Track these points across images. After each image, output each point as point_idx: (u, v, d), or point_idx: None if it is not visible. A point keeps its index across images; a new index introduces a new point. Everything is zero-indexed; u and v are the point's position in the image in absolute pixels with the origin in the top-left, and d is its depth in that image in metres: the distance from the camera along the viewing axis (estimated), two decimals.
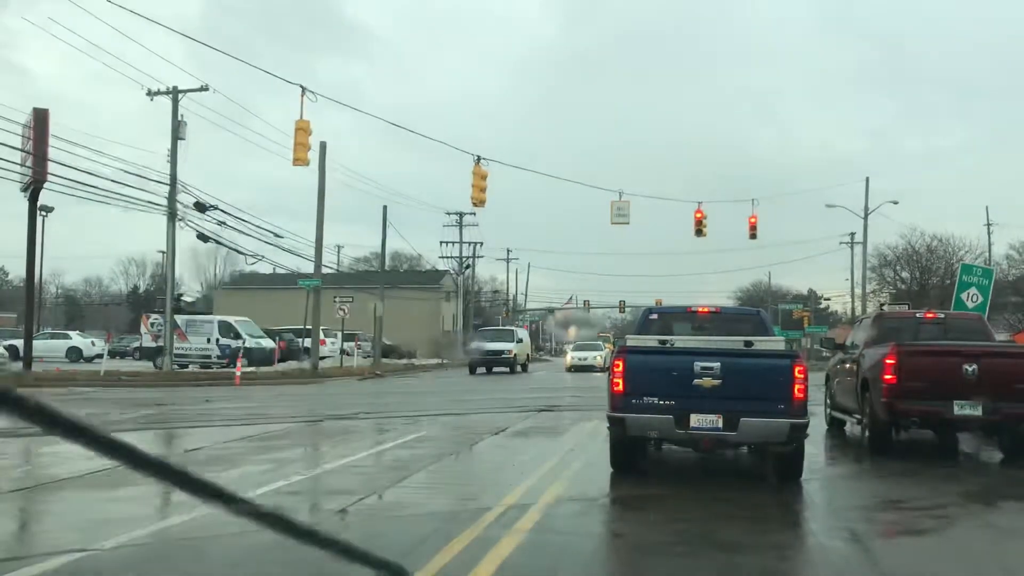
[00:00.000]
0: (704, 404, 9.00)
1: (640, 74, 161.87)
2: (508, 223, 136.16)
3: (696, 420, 9.00)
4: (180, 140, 32.96)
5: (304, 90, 25.52)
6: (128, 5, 42.85)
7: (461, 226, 62.41)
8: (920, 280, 58.05)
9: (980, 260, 48.74)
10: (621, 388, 9.22)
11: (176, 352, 35.60)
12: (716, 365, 9.04)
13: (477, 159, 28.23)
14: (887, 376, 11.63)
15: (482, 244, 65.42)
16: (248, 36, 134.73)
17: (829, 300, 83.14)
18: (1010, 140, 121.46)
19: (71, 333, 54.27)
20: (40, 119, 28.94)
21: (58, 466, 10.87)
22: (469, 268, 66.12)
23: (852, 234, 56.43)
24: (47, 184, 29.31)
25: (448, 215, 62.15)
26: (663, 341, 10.15)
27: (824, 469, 11.01)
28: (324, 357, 39.67)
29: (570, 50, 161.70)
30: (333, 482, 9.65)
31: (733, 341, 10.08)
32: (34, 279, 35.80)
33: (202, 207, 33.33)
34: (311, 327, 36.67)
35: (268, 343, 40.12)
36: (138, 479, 9.78)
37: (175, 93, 33.05)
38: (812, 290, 75.56)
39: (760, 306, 33.58)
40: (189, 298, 69.38)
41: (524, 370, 43.41)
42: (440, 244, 64.64)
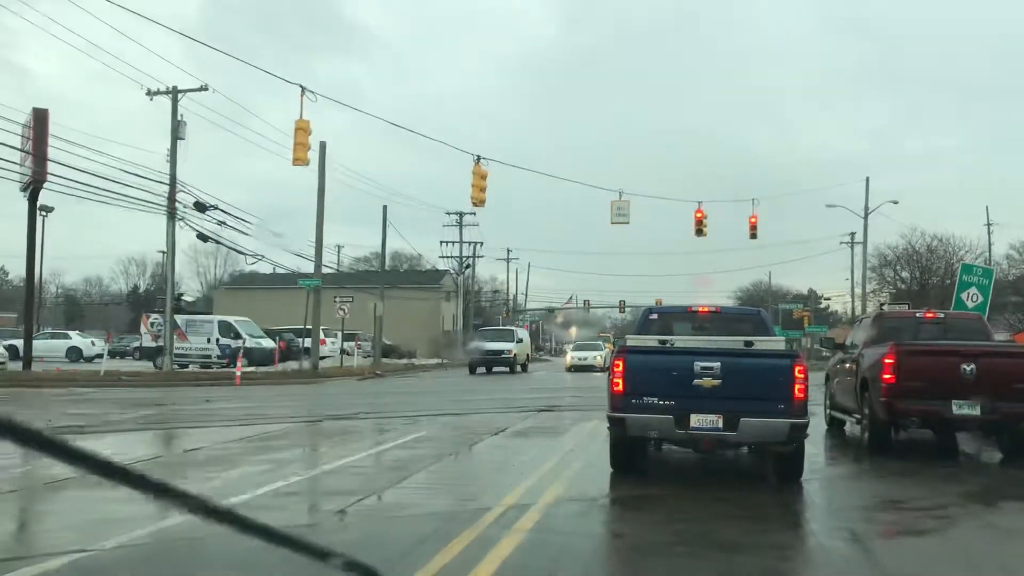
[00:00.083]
0: (704, 404, 8.99)
1: (640, 74, 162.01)
2: (508, 223, 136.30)
3: (696, 420, 8.99)
4: (180, 140, 32.98)
5: (304, 90, 25.53)
6: (127, 5, 42.84)
7: (461, 226, 62.42)
8: (920, 280, 58.02)
9: (980, 260, 48.72)
10: (621, 388, 9.22)
11: (176, 352, 35.60)
12: (716, 365, 9.03)
13: (477, 159, 28.24)
14: (886, 376, 11.63)
15: (482, 244, 65.48)
16: (248, 36, 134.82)
17: (829, 300, 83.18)
18: (1010, 140, 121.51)
19: (71, 333, 54.25)
20: (40, 119, 28.98)
21: (58, 466, 10.85)
22: (469, 268, 66.11)
23: (852, 234, 56.50)
24: (47, 184, 29.35)
25: (448, 215, 62.19)
26: (663, 341, 10.13)
27: (824, 469, 11.01)
28: (324, 357, 39.66)
29: (570, 50, 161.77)
30: (332, 483, 9.65)
31: (733, 341, 10.07)
32: (34, 279, 35.83)
33: (202, 207, 33.32)
34: (311, 327, 36.66)
35: (268, 343, 40.10)
36: None
37: (175, 93, 33.06)
38: (812, 290, 75.66)
39: (760, 306, 33.56)
40: (189, 298, 69.47)
41: (524, 370, 43.40)
42: (440, 244, 64.69)
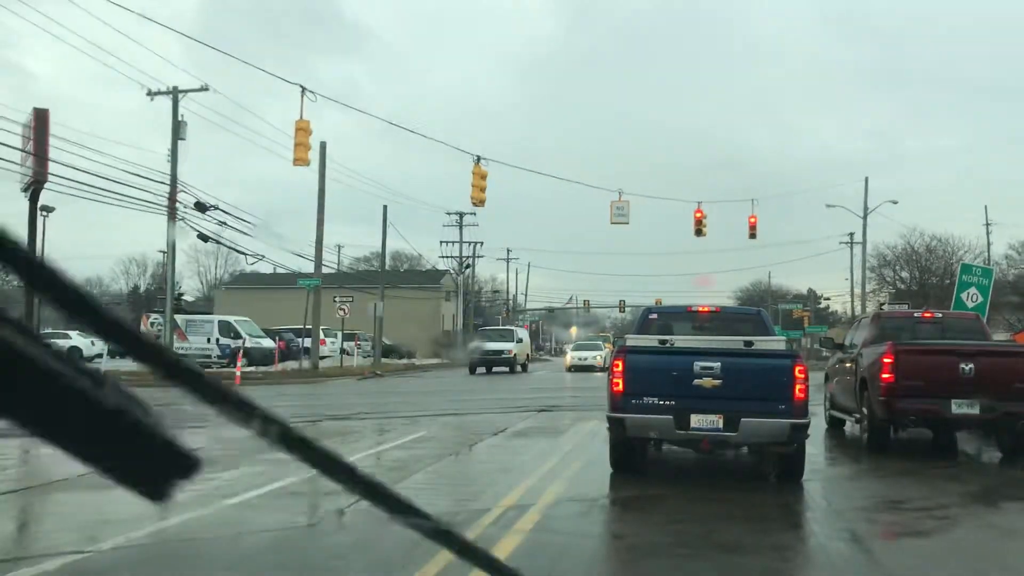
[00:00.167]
0: (704, 404, 8.97)
1: (641, 73, 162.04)
2: (508, 223, 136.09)
3: (696, 420, 8.98)
4: (180, 140, 32.98)
5: (304, 90, 25.53)
6: (128, 5, 42.88)
7: (461, 226, 62.39)
8: (920, 280, 58.04)
9: (980, 260, 48.69)
10: (621, 388, 9.20)
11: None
12: (716, 365, 9.02)
13: (477, 159, 28.24)
14: (885, 375, 11.63)
15: (482, 244, 65.46)
16: (248, 36, 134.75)
17: (829, 300, 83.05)
18: (1010, 140, 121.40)
19: (71, 333, 54.16)
20: (40, 119, 28.95)
21: (57, 466, 10.85)
22: (469, 268, 66.09)
23: (852, 234, 56.39)
24: (47, 184, 29.32)
25: (448, 215, 62.13)
26: (663, 341, 10.11)
27: (824, 469, 10.99)
28: (324, 357, 39.63)
29: (571, 50, 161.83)
30: (332, 483, 9.61)
31: (733, 341, 10.05)
32: None
33: (202, 207, 33.31)
34: (311, 327, 36.65)
35: (268, 343, 40.06)
36: None
37: (175, 93, 33.05)
38: (812, 290, 75.44)
39: (760, 306, 33.52)
40: (189, 298, 69.52)
41: (524, 370, 43.37)
42: (440, 244, 64.63)
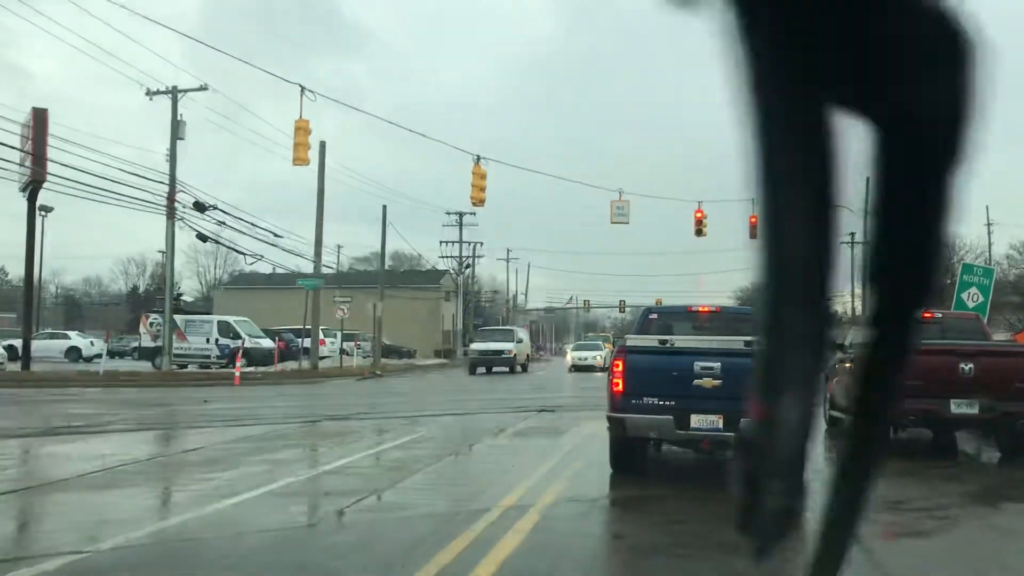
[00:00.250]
0: (704, 404, 8.97)
1: (641, 73, 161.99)
2: (508, 223, 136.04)
3: (696, 420, 8.97)
4: (179, 140, 32.99)
5: (304, 90, 25.59)
6: (128, 5, 42.86)
7: (461, 226, 62.47)
8: None
9: (980, 260, 48.68)
10: (621, 388, 9.19)
11: (175, 352, 35.58)
12: (716, 365, 9.01)
13: (477, 159, 28.29)
14: None
15: (482, 244, 65.56)
16: (248, 36, 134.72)
17: (829, 300, 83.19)
18: (1010, 140, 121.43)
19: (70, 333, 54.28)
20: (39, 119, 28.99)
21: (57, 466, 10.87)
22: (469, 268, 66.16)
23: (852, 234, 56.14)
24: (47, 184, 29.34)
25: (448, 215, 62.23)
26: (663, 341, 10.09)
27: (824, 469, 10.97)
28: (324, 357, 39.62)
29: (570, 50, 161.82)
30: (332, 483, 9.62)
31: (733, 341, 10.03)
32: (33, 279, 35.80)
33: (201, 207, 33.33)
34: (311, 327, 36.64)
35: (267, 343, 40.02)
36: (136, 479, 9.64)
37: (174, 93, 33.07)
38: None
39: None
40: (188, 298, 69.50)
41: (524, 370, 43.37)
42: (440, 244, 64.75)
